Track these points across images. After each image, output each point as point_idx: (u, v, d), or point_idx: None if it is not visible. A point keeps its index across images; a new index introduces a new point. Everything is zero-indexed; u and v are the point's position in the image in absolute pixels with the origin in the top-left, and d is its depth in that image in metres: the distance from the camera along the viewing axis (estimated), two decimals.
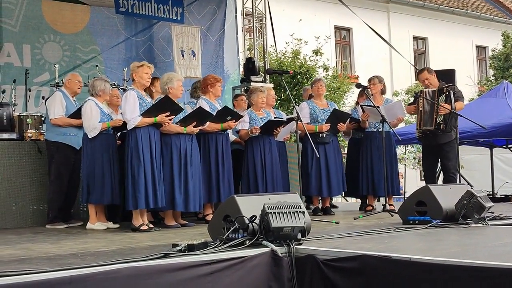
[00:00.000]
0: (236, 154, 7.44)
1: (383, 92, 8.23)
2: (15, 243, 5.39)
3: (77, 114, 7.05)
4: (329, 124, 7.81)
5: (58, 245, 5.12)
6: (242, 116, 7.29)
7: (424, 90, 7.79)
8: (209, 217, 6.77)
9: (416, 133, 8.05)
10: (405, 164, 16.38)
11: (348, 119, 8.11)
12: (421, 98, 7.68)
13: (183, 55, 10.69)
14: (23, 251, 4.78)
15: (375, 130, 8.00)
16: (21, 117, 7.68)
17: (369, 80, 8.22)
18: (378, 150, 7.83)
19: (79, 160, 7.18)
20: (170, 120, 6.44)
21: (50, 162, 7.17)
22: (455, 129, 7.73)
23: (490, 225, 5.61)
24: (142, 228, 6.23)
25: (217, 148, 7.08)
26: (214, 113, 6.93)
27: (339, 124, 7.88)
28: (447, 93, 7.54)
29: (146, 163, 6.25)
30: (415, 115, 8.27)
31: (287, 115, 9.00)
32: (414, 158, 17.23)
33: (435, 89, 7.67)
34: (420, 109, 7.69)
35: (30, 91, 8.70)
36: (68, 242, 5.41)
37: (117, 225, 6.82)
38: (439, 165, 8.24)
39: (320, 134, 7.81)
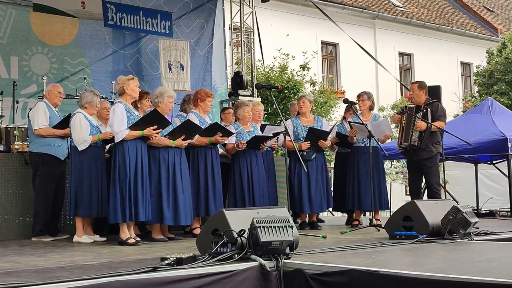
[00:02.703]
0: (222, 168, 7.45)
1: (371, 108, 8.29)
2: (2, 256, 5.35)
3: (61, 125, 7.05)
4: (309, 142, 7.85)
5: (45, 258, 5.09)
6: (232, 133, 7.31)
7: (408, 106, 7.87)
8: (196, 231, 6.78)
9: (397, 147, 8.12)
10: (391, 179, 16.45)
11: (335, 133, 8.16)
12: (404, 114, 7.76)
13: (170, 69, 10.71)
14: (10, 263, 4.75)
15: (362, 145, 8.05)
16: (8, 129, 7.67)
17: (358, 96, 8.28)
18: (366, 165, 7.88)
19: (64, 171, 7.18)
20: (157, 133, 6.45)
21: (35, 174, 7.14)
22: (437, 145, 7.78)
23: (476, 240, 5.66)
24: (129, 241, 6.22)
25: (206, 162, 7.09)
26: (203, 127, 6.95)
27: (320, 142, 7.91)
28: (424, 110, 7.61)
29: (132, 176, 6.24)
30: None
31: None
32: (397, 173, 17.29)
33: (414, 106, 7.75)
34: (403, 124, 7.77)
35: (17, 103, 8.70)
36: (55, 255, 5.38)
37: (104, 238, 6.80)
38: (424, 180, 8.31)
39: (301, 152, 7.81)
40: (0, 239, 7.01)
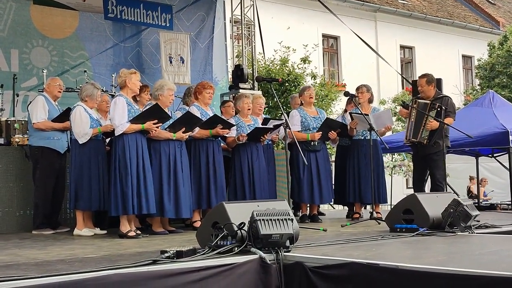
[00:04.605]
0: (223, 161, 7.44)
1: (370, 101, 8.26)
2: (2, 249, 5.34)
3: (60, 118, 7.04)
4: (321, 132, 7.85)
5: (45, 251, 5.10)
6: (233, 125, 7.30)
7: (418, 101, 7.78)
8: (197, 224, 6.78)
9: (404, 141, 8.09)
10: (392, 172, 16.43)
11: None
12: (413, 108, 7.68)
13: (171, 62, 10.69)
14: (10, 256, 4.75)
15: (362, 138, 8.04)
16: (9, 122, 7.65)
17: (357, 89, 8.25)
18: (365, 157, 7.88)
19: (64, 165, 7.18)
20: (157, 127, 6.45)
21: (35, 167, 7.14)
22: (444, 139, 7.70)
23: (476, 233, 5.65)
24: (129, 234, 6.22)
25: (207, 154, 7.08)
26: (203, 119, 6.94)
27: (330, 132, 7.93)
28: (438, 109, 7.53)
29: (132, 170, 6.24)
30: (404, 124, 8.30)
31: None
32: (394, 166, 17.28)
33: (428, 102, 7.67)
34: (412, 119, 7.71)
35: (17, 96, 8.67)
36: (55, 248, 5.38)
37: (104, 231, 6.79)
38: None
39: (312, 142, 7.84)
40: (0, 232, 7.00)
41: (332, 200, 8.60)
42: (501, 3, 28.94)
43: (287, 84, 14.09)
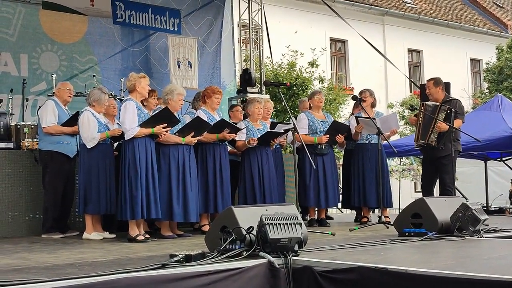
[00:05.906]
0: (231, 165, 7.46)
1: (373, 105, 8.25)
2: (12, 253, 5.37)
3: (70, 122, 7.08)
4: (328, 136, 7.86)
5: (55, 255, 5.12)
6: (240, 129, 7.31)
7: (426, 103, 7.74)
8: (205, 228, 6.80)
9: (415, 144, 8.08)
10: (400, 176, 16.39)
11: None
12: (421, 111, 7.66)
13: (179, 66, 10.74)
14: (20, 260, 4.78)
15: (366, 142, 8.04)
16: (18, 126, 7.69)
17: (360, 93, 8.22)
18: (370, 161, 7.88)
19: (73, 169, 7.21)
20: (167, 131, 6.47)
21: (44, 171, 7.18)
22: (455, 142, 7.63)
23: (485, 237, 5.63)
24: (138, 238, 6.23)
25: (214, 158, 7.10)
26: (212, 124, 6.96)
27: (337, 136, 7.93)
28: (448, 111, 7.48)
29: (142, 174, 6.26)
30: (412, 128, 8.28)
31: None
32: (403, 170, 17.24)
33: (438, 104, 7.64)
34: (420, 121, 7.69)
35: (27, 100, 8.70)
36: (65, 252, 5.40)
37: (113, 235, 6.81)
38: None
39: (319, 146, 7.85)
40: (10, 236, 7.04)
41: (338, 203, 8.59)
42: (510, 6, 28.86)
43: (294, 88, 14.11)
